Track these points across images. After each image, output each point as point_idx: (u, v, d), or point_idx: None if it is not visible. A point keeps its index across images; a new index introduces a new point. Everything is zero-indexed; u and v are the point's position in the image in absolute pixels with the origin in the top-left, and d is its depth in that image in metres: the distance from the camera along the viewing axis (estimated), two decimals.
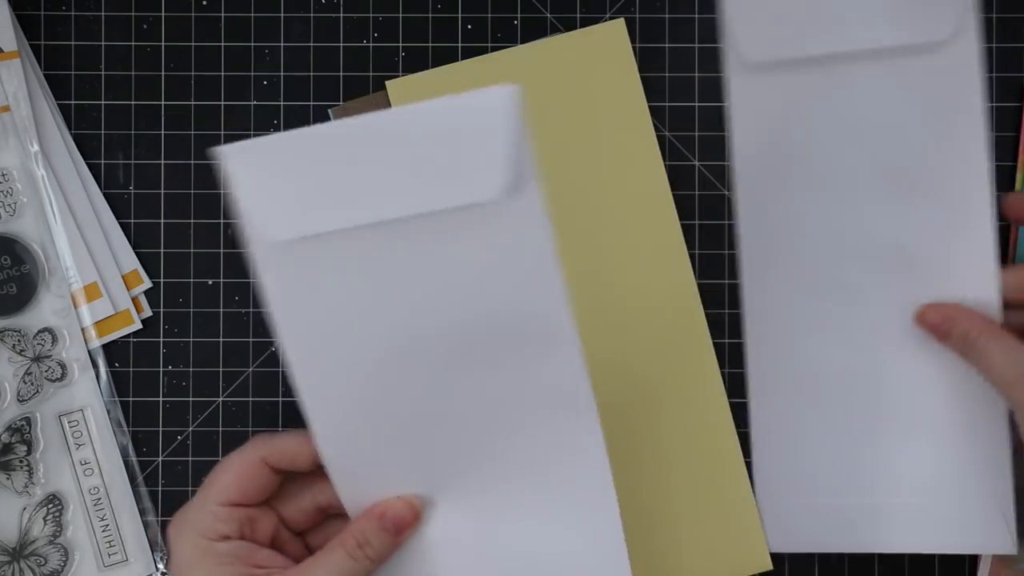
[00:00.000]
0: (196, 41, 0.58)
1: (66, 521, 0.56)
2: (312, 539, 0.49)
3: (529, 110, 0.57)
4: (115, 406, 0.57)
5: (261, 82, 0.58)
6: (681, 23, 0.58)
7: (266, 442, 0.47)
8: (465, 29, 0.58)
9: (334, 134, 0.42)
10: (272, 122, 0.58)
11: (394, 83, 0.56)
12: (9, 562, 0.56)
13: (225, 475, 0.47)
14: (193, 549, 0.46)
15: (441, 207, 0.42)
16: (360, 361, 0.45)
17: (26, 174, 0.56)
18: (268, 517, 0.48)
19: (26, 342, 0.56)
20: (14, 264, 0.56)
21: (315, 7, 0.58)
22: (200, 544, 0.46)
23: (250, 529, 0.47)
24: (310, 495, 0.48)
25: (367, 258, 0.43)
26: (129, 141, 0.58)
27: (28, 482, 0.56)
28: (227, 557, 0.45)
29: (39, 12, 0.58)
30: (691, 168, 0.57)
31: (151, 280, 0.57)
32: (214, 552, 0.45)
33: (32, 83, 0.56)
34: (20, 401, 0.56)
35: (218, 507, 0.46)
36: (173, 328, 0.58)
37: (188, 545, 0.46)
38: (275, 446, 0.47)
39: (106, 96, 0.58)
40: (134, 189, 0.58)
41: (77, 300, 0.56)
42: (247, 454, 0.47)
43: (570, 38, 0.57)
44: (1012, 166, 0.58)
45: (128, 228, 0.58)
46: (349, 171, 0.42)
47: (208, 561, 0.45)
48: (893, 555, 0.57)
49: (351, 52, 0.58)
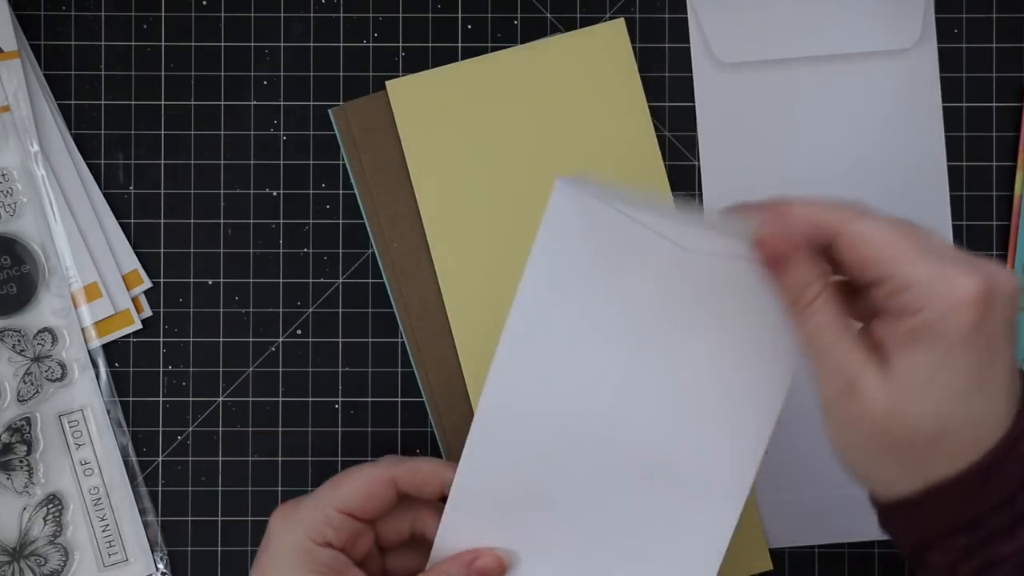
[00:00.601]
0: (196, 41, 0.58)
1: (66, 521, 0.56)
2: (391, 560, 0.50)
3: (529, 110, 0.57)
4: (115, 406, 0.57)
5: (261, 82, 0.58)
6: (681, 23, 0.58)
7: (400, 462, 0.47)
8: (465, 29, 0.58)
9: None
10: (272, 122, 0.58)
11: (394, 83, 0.56)
12: (9, 562, 0.56)
13: (353, 485, 0.47)
14: (294, 546, 0.46)
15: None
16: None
17: (26, 174, 0.56)
18: (369, 534, 0.48)
19: (26, 342, 0.56)
20: (14, 264, 0.56)
21: (315, 7, 0.58)
22: (303, 544, 0.46)
23: (352, 543, 0.47)
24: (411, 520, 0.49)
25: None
26: (129, 141, 0.58)
27: (28, 482, 0.56)
28: (324, 566, 0.46)
29: (39, 12, 0.58)
30: (691, 168, 0.57)
31: (151, 280, 0.57)
32: (314, 557, 0.46)
33: (32, 83, 0.56)
34: (20, 401, 0.56)
35: (334, 513, 0.46)
36: (173, 328, 0.58)
37: (290, 541, 0.46)
38: (410, 468, 0.47)
39: (106, 96, 0.58)
40: (134, 189, 0.58)
41: (77, 300, 0.56)
42: (380, 470, 0.47)
43: (570, 38, 0.57)
44: (1012, 166, 0.58)
45: (128, 228, 0.58)
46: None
47: (306, 565, 0.45)
48: (892, 552, 0.57)
49: (351, 52, 0.58)
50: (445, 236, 0.56)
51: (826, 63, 0.57)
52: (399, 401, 0.57)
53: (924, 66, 0.57)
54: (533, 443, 0.46)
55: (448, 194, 0.56)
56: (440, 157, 0.56)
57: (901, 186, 0.57)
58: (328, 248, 0.58)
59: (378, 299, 0.57)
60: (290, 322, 0.57)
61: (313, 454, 0.57)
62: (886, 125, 0.57)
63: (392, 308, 0.57)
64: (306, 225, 0.58)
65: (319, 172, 0.58)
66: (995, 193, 0.58)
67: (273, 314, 0.57)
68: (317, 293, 0.58)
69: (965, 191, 0.58)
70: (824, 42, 0.56)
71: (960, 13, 0.58)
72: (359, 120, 0.56)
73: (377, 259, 0.57)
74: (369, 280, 0.57)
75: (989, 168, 0.58)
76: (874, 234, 0.41)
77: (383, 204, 0.56)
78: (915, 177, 0.57)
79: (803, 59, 0.57)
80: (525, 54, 0.57)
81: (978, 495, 0.40)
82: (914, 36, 0.56)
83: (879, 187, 0.57)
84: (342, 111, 0.57)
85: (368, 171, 0.56)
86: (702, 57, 0.57)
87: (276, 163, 0.58)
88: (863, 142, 0.57)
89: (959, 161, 0.58)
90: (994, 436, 0.40)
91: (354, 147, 0.56)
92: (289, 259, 0.58)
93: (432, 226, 0.56)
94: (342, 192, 0.58)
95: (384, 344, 0.57)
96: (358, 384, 0.57)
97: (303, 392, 0.57)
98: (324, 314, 0.57)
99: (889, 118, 0.57)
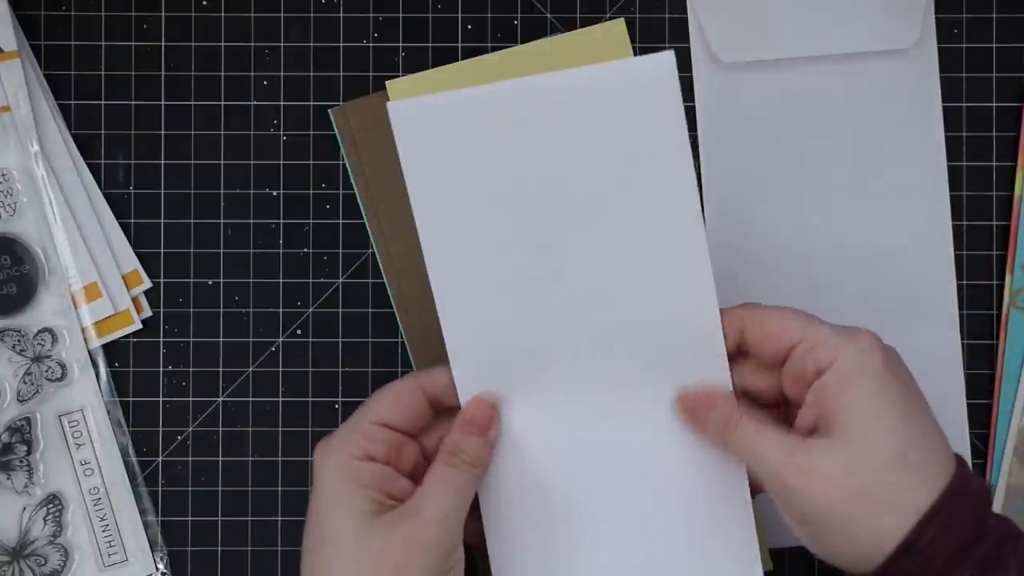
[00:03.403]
0: (196, 41, 0.58)
1: (66, 521, 0.56)
2: None
3: None
4: (115, 406, 0.57)
5: (261, 82, 0.58)
6: (681, 23, 0.58)
7: (424, 373, 0.48)
8: (465, 29, 0.58)
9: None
10: (272, 122, 0.58)
11: (394, 83, 0.56)
12: (9, 562, 0.56)
13: (382, 398, 0.48)
14: (336, 468, 0.46)
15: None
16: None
17: (26, 174, 0.56)
18: (413, 447, 0.48)
19: (26, 342, 0.56)
20: (14, 264, 0.56)
21: (315, 7, 0.58)
22: (345, 463, 0.46)
23: (396, 454, 0.47)
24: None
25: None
26: (129, 141, 0.58)
27: (28, 482, 0.56)
28: (369, 480, 0.46)
29: (39, 12, 0.58)
30: None
31: (151, 280, 0.57)
32: (357, 473, 0.46)
33: (32, 83, 0.56)
34: (20, 401, 0.56)
35: (370, 425, 0.47)
36: (173, 328, 0.58)
37: (332, 464, 0.46)
38: (432, 377, 0.48)
39: (106, 96, 0.58)
40: (134, 189, 0.58)
41: (77, 300, 0.56)
42: (406, 381, 0.48)
43: (570, 38, 0.57)
44: (1012, 166, 0.58)
45: (128, 228, 0.58)
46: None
47: (350, 482, 0.45)
48: None
49: (351, 52, 0.58)
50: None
51: (826, 63, 0.57)
52: None
53: (924, 66, 0.57)
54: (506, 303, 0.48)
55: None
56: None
57: (901, 186, 0.57)
58: (328, 248, 0.58)
59: (378, 299, 0.57)
60: (290, 322, 0.57)
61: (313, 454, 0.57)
62: (886, 125, 0.57)
63: (392, 308, 0.57)
64: (306, 225, 0.58)
65: (319, 172, 0.58)
66: (995, 193, 0.58)
67: (273, 314, 0.58)
68: (317, 293, 0.58)
69: (965, 191, 0.58)
70: (824, 42, 0.56)
71: (960, 13, 0.58)
72: (359, 120, 0.56)
73: (377, 259, 0.57)
74: (369, 280, 0.57)
75: (989, 168, 0.58)
76: (775, 312, 0.46)
77: (383, 204, 0.56)
78: (915, 177, 0.57)
79: (803, 59, 0.57)
80: (525, 54, 0.57)
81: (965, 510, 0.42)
82: (914, 36, 0.56)
83: (879, 187, 0.57)
84: (342, 111, 0.57)
85: (368, 171, 0.56)
86: (702, 57, 0.57)
87: (276, 163, 0.58)
88: (863, 142, 0.57)
89: (959, 161, 0.58)
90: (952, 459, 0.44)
91: (354, 147, 0.56)
92: (289, 259, 0.58)
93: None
94: (342, 192, 0.58)
95: (384, 344, 0.57)
96: (358, 384, 0.57)
97: (303, 392, 0.57)
98: (324, 314, 0.57)
99: (889, 118, 0.57)
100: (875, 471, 0.42)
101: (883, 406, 0.43)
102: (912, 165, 0.57)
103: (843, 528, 0.43)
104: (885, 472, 0.42)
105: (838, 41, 0.57)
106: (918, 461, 0.43)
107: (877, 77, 0.57)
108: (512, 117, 0.46)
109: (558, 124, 0.46)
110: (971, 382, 0.57)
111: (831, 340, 0.44)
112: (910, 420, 0.43)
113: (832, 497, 0.42)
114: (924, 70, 0.57)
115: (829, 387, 0.44)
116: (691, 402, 0.47)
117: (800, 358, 0.45)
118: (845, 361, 0.44)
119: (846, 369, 0.44)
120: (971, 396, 0.57)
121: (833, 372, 0.44)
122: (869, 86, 0.57)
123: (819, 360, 0.44)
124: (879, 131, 0.57)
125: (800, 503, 0.43)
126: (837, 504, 0.42)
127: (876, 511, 0.42)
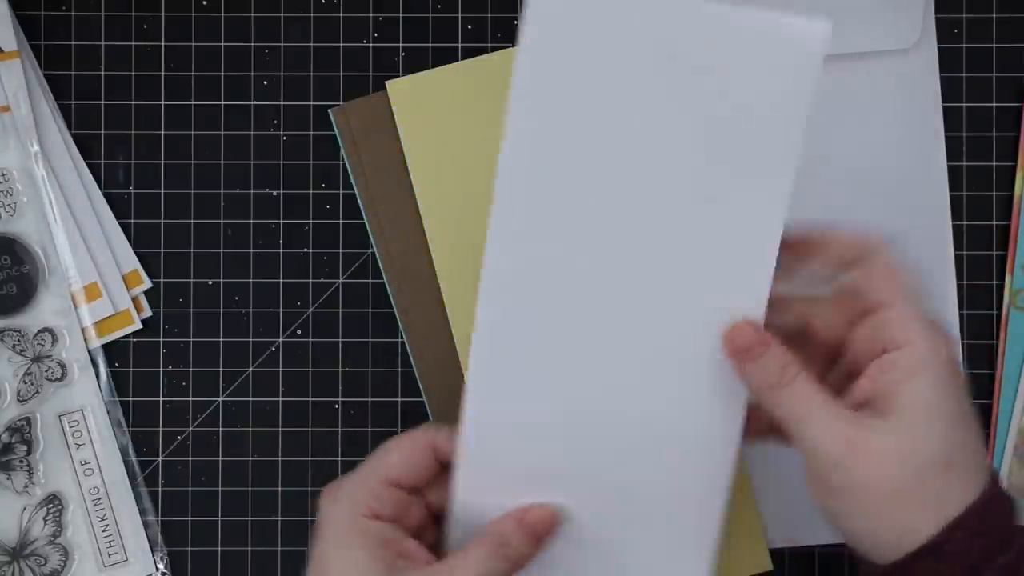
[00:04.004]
0: (196, 41, 0.58)
1: (66, 521, 0.56)
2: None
3: None
4: (115, 406, 0.57)
5: (261, 82, 0.58)
6: None
7: (438, 428, 0.48)
8: (465, 29, 0.58)
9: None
10: (272, 122, 0.58)
11: (394, 83, 0.56)
12: (9, 562, 0.56)
13: (393, 454, 0.47)
14: (343, 523, 0.46)
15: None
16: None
17: (26, 174, 0.56)
18: (419, 505, 0.48)
19: (26, 342, 0.56)
20: (14, 264, 0.56)
21: (315, 7, 0.58)
22: (352, 519, 0.46)
23: (403, 514, 0.47)
24: None
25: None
26: (129, 141, 0.58)
27: (28, 482, 0.56)
28: (375, 539, 0.45)
29: (39, 12, 0.58)
30: None
31: (151, 280, 0.57)
32: (363, 531, 0.45)
33: (32, 83, 0.56)
34: (20, 401, 0.56)
35: (379, 484, 0.46)
36: (173, 328, 0.58)
37: (339, 519, 0.46)
38: (447, 433, 0.47)
39: (106, 96, 0.58)
40: (134, 189, 0.58)
41: (77, 300, 0.56)
42: (417, 437, 0.47)
43: None
44: (1012, 166, 0.58)
45: (128, 228, 0.58)
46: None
47: (356, 539, 0.45)
48: None
49: (351, 52, 0.58)
50: (445, 236, 0.56)
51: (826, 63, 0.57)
52: (399, 401, 0.57)
53: (924, 66, 0.57)
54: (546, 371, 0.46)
55: (448, 194, 0.56)
56: (440, 157, 0.56)
57: (901, 186, 0.57)
58: (328, 248, 0.58)
59: (378, 299, 0.57)
60: (290, 322, 0.57)
61: (313, 454, 0.57)
62: (886, 125, 0.57)
63: (392, 308, 0.57)
64: (306, 225, 0.58)
65: (319, 172, 0.58)
66: (995, 193, 0.58)
67: (273, 314, 0.58)
68: (317, 293, 0.58)
69: (965, 191, 0.58)
70: None
71: (960, 13, 0.58)
72: (359, 120, 0.56)
73: (377, 259, 0.57)
74: (369, 280, 0.57)
75: (989, 168, 0.58)
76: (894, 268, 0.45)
77: (383, 204, 0.56)
78: (915, 177, 0.57)
79: None
80: None
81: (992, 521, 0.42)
82: (914, 36, 0.56)
83: (879, 187, 0.57)
84: (342, 111, 0.57)
85: (368, 171, 0.56)
86: None
87: (276, 163, 0.58)
88: (863, 142, 0.57)
89: (959, 161, 0.58)
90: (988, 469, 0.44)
91: (354, 147, 0.56)
92: (289, 259, 0.58)
93: (432, 226, 0.56)
94: (342, 192, 0.58)
95: (384, 344, 0.57)
96: (358, 384, 0.57)
97: (303, 392, 0.57)
98: (324, 314, 0.57)
99: (889, 118, 0.57)
100: (922, 466, 0.42)
101: (944, 405, 0.43)
102: (912, 165, 0.57)
103: (877, 513, 0.42)
104: (931, 469, 0.42)
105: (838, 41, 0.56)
106: (961, 466, 0.43)
107: (877, 77, 0.57)
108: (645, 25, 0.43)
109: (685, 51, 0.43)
110: (971, 382, 0.57)
111: (912, 324, 0.43)
112: (962, 425, 0.43)
113: (878, 480, 0.42)
114: (924, 70, 0.57)
115: (899, 368, 0.43)
116: (743, 340, 0.44)
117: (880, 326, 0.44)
118: (920, 348, 0.43)
119: (919, 356, 0.43)
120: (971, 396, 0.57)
121: (904, 354, 0.43)
122: (869, 86, 0.57)
123: (895, 338, 0.43)
124: (879, 131, 0.57)
125: (841, 478, 0.42)
126: (881, 488, 0.42)
127: (912, 506, 0.42)
